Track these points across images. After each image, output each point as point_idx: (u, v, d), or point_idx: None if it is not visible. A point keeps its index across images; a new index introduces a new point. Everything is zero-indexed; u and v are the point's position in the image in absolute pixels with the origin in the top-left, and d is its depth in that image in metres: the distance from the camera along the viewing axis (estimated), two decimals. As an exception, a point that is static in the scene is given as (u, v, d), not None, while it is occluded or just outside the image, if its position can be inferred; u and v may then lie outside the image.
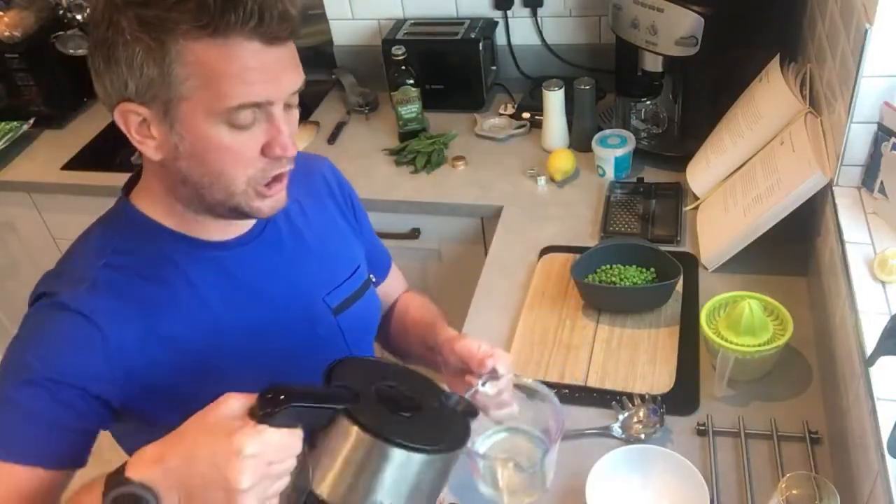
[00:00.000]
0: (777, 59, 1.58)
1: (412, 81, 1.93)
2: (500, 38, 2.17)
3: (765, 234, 1.39)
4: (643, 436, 1.17)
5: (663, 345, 1.32)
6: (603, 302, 1.41)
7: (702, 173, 1.65)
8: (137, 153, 0.92)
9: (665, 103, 1.85)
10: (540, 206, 1.74)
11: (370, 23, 2.23)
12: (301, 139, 2.05)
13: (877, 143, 1.20)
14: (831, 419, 1.16)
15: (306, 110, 2.19)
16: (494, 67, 2.18)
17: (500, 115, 2.07)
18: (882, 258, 1.10)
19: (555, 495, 1.11)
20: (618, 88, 1.94)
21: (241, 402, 0.72)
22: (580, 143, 1.86)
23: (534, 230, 1.66)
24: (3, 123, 2.27)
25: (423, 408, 0.81)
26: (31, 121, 2.28)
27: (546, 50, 2.16)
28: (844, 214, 1.21)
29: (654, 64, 1.74)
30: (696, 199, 1.64)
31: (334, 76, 2.27)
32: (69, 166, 2.13)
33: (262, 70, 0.82)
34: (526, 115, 2.02)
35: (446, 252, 1.91)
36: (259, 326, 1.01)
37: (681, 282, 1.39)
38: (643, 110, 1.87)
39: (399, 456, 0.74)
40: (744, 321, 1.19)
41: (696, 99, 1.74)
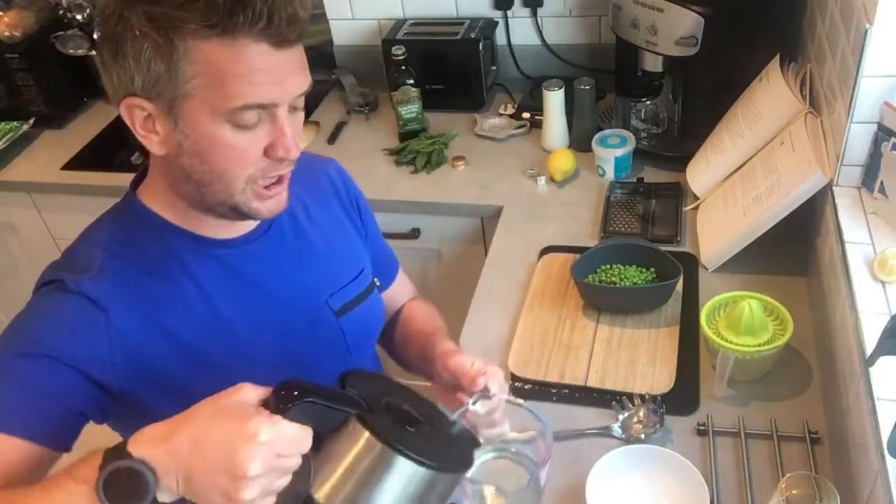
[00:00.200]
0: (777, 59, 1.58)
1: (412, 81, 1.93)
2: (500, 38, 2.17)
3: (765, 234, 1.39)
4: (643, 436, 1.17)
5: (663, 345, 1.32)
6: (603, 302, 1.41)
7: (702, 173, 1.65)
8: (137, 153, 0.93)
9: (665, 103, 1.85)
10: (540, 206, 1.74)
11: (370, 23, 2.23)
12: (301, 139, 2.04)
13: (877, 143, 1.20)
14: (831, 419, 1.16)
15: (306, 110, 2.17)
16: (494, 67, 2.18)
17: (500, 115, 2.07)
18: (882, 258, 1.10)
19: (555, 495, 1.11)
20: (618, 88, 1.94)
21: (256, 392, 0.72)
22: (580, 143, 1.86)
23: (534, 230, 1.66)
24: (3, 123, 2.27)
25: (430, 429, 0.81)
26: (31, 121, 2.28)
27: (546, 50, 2.16)
28: (844, 214, 1.22)
29: (654, 64, 1.74)
30: (696, 199, 1.64)
31: (334, 76, 2.27)
32: (69, 166, 2.13)
33: (269, 72, 0.82)
34: (526, 115, 2.02)
35: (446, 252, 1.91)
36: (261, 324, 1.01)
37: (681, 282, 1.39)
38: (643, 110, 1.87)
39: (407, 468, 0.73)
40: (744, 321, 1.19)
41: (696, 99, 1.74)
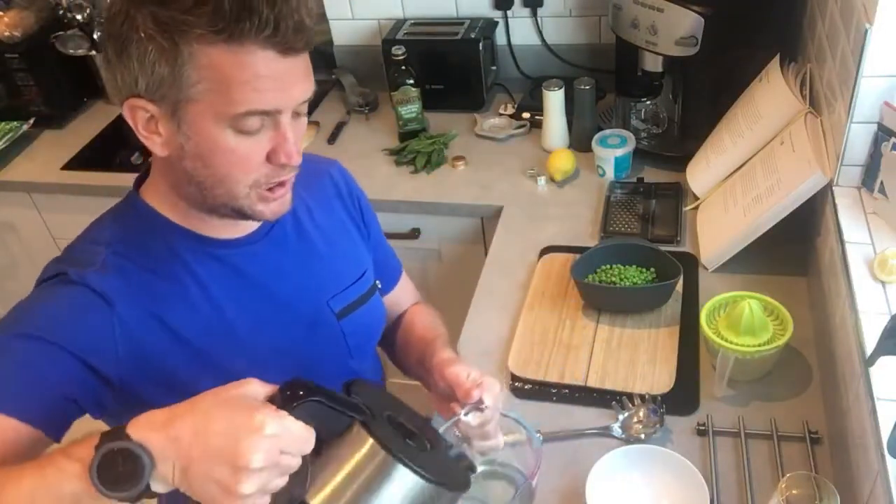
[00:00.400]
0: (777, 59, 1.58)
1: (412, 81, 1.93)
2: (500, 38, 2.17)
3: (765, 234, 1.39)
4: (643, 436, 1.17)
5: (663, 345, 1.32)
6: (603, 302, 1.41)
7: (702, 173, 1.65)
8: (137, 153, 0.93)
9: (665, 103, 1.85)
10: (540, 206, 1.74)
11: (370, 23, 2.23)
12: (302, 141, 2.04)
13: (877, 143, 1.20)
14: (831, 419, 1.16)
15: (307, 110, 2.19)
16: (494, 67, 2.18)
17: (500, 115, 2.07)
18: (882, 258, 1.10)
19: (555, 495, 1.11)
20: (618, 88, 1.94)
21: (262, 388, 0.72)
22: (580, 143, 1.86)
23: (534, 230, 1.66)
24: (3, 123, 2.27)
25: (429, 447, 0.80)
26: (31, 121, 2.27)
27: (546, 50, 2.15)
28: (844, 214, 1.21)
29: (654, 64, 1.74)
30: (696, 199, 1.64)
31: (334, 76, 2.27)
32: (69, 166, 2.13)
33: (274, 79, 0.82)
34: (526, 115, 2.02)
35: (446, 252, 1.91)
36: (262, 325, 1.01)
37: (681, 282, 1.39)
38: (643, 110, 1.87)
39: (408, 480, 0.72)
40: (744, 321, 1.19)
41: (696, 99, 1.74)
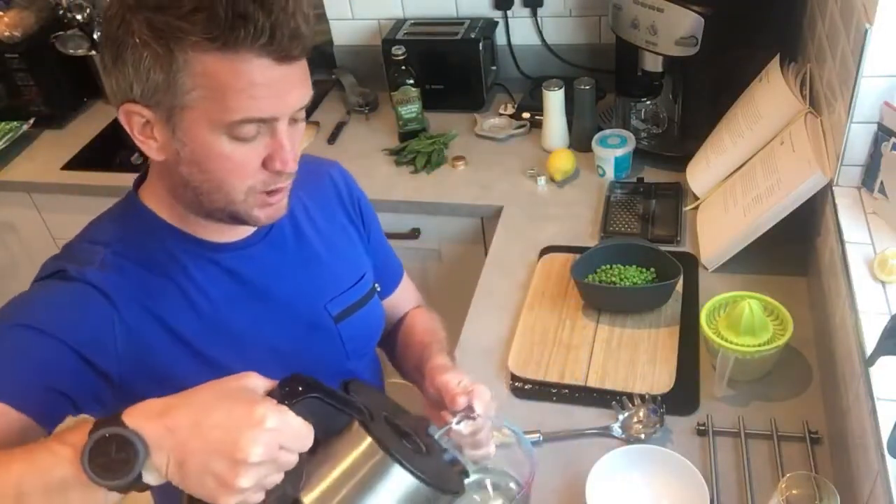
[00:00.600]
0: (777, 59, 1.58)
1: (412, 81, 1.93)
2: (500, 38, 2.17)
3: (765, 234, 1.39)
4: (643, 436, 1.17)
5: (663, 345, 1.32)
6: (603, 302, 1.41)
7: (702, 173, 1.65)
8: (137, 154, 0.93)
9: (665, 103, 1.85)
10: (540, 206, 1.74)
11: (370, 23, 2.23)
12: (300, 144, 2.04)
13: (877, 143, 1.20)
14: (831, 419, 1.16)
15: (306, 111, 2.19)
16: (494, 67, 2.18)
17: (500, 115, 2.07)
18: (882, 258, 1.10)
19: (555, 495, 1.12)
20: (618, 88, 1.94)
21: (262, 382, 0.71)
22: (580, 143, 1.86)
23: (534, 230, 1.66)
24: (3, 123, 2.27)
25: (424, 450, 0.80)
26: (31, 121, 2.27)
27: (546, 50, 2.15)
28: (844, 214, 1.21)
29: (654, 64, 1.74)
30: (696, 199, 1.64)
31: (334, 76, 2.27)
32: (69, 166, 2.13)
33: (269, 86, 0.81)
34: (526, 115, 2.02)
35: (446, 252, 1.91)
36: (259, 328, 1.01)
37: (681, 282, 1.39)
38: (643, 110, 1.87)
39: (404, 481, 0.72)
40: (744, 321, 1.19)
41: (696, 99, 1.74)
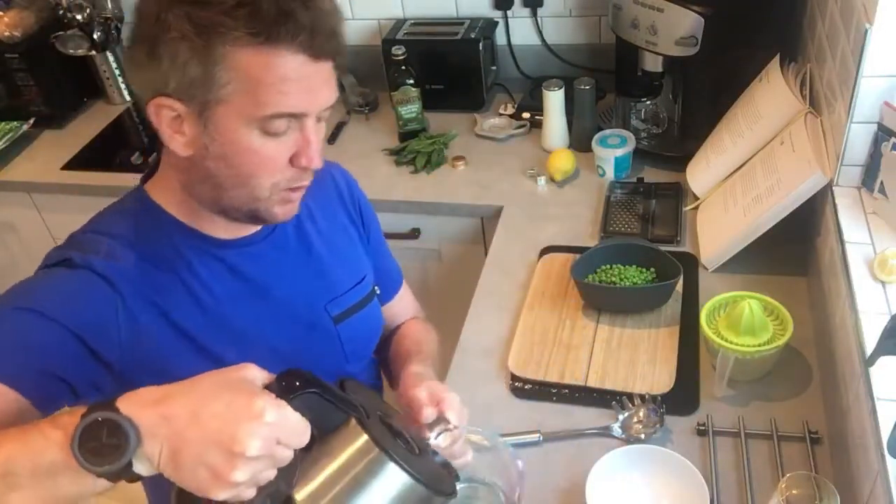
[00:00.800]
0: (777, 59, 1.58)
1: (412, 81, 1.93)
2: (500, 38, 2.17)
3: (765, 234, 1.39)
4: (643, 436, 1.17)
5: (663, 345, 1.32)
6: (603, 302, 1.41)
7: (702, 173, 1.65)
8: (137, 153, 0.93)
9: (665, 103, 1.85)
10: (540, 206, 1.74)
11: (370, 23, 2.23)
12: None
13: (877, 143, 1.20)
14: (831, 419, 1.16)
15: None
16: (494, 67, 2.18)
17: (500, 115, 2.07)
18: (882, 258, 1.10)
19: (555, 495, 1.12)
20: (618, 88, 1.94)
21: (261, 374, 0.71)
22: (580, 143, 1.86)
23: (534, 230, 1.66)
24: (3, 123, 2.27)
25: (417, 451, 0.80)
26: (31, 121, 2.27)
27: (546, 50, 2.15)
28: (844, 214, 1.21)
29: (654, 64, 1.74)
30: (696, 199, 1.64)
31: (334, 76, 2.27)
32: (69, 166, 2.13)
33: (302, 83, 0.83)
34: (526, 115, 2.02)
35: (446, 252, 1.91)
36: (259, 326, 1.01)
37: (681, 282, 1.39)
38: (643, 110, 1.87)
39: (399, 479, 0.71)
40: (744, 321, 1.18)
41: (696, 99, 1.74)
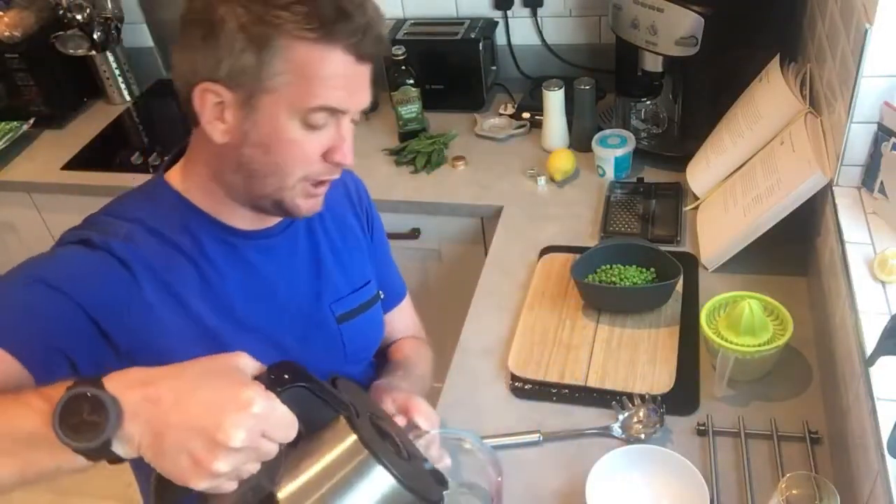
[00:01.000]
0: (777, 59, 1.58)
1: (412, 81, 1.93)
2: (500, 38, 2.17)
3: (765, 234, 1.39)
4: (643, 436, 1.17)
5: (663, 345, 1.32)
6: (603, 302, 1.41)
7: (702, 173, 1.65)
8: (137, 153, 0.93)
9: (665, 103, 1.85)
10: (540, 206, 1.74)
11: (370, 23, 2.23)
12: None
13: (877, 143, 1.20)
14: (831, 419, 1.16)
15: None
16: (494, 67, 2.18)
17: (500, 115, 2.07)
18: (882, 258, 1.10)
19: (555, 495, 1.12)
20: (618, 88, 1.94)
21: (253, 364, 0.69)
22: (580, 143, 1.86)
23: (534, 230, 1.66)
24: (3, 123, 2.27)
25: (406, 456, 0.78)
26: (31, 121, 2.28)
27: (546, 50, 2.15)
28: (844, 214, 1.21)
29: (654, 64, 1.74)
30: (696, 199, 1.64)
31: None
32: (69, 166, 2.13)
33: (347, 80, 0.87)
34: (526, 115, 2.02)
35: (446, 252, 1.91)
36: (263, 318, 1.02)
37: (681, 282, 1.39)
38: (643, 110, 1.87)
39: (385, 483, 0.70)
40: (744, 321, 1.18)
41: (696, 99, 1.74)
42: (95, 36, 2.28)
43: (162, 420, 0.63)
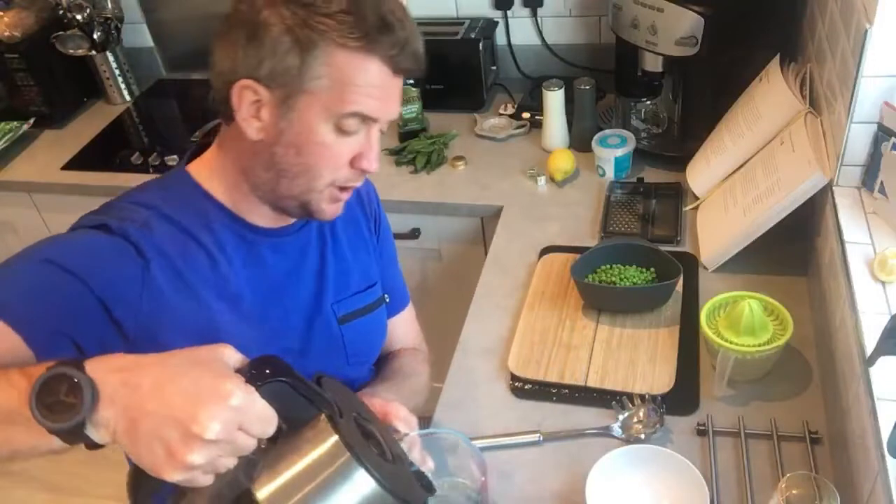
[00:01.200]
0: (777, 59, 1.58)
1: (412, 81, 1.93)
2: (500, 38, 2.17)
3: (765, 234, 1.39)
4: (643, 436, 1.17)
5: (663, 345, 1.32)
6: (603, 302, 1.41)
7: (702, 173, 1.65)
8: (137, 153, 0.93)
9: (665, 103, 1.85)
10: (540, 206, 1.74)
11: (370, 23, 2.23)
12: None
13: (877, 143, 1.20)
14: (831, 419, 1.16)
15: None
16: (494, 67, 2.18)
17: (500, 115, 2.07)
18: (882, 258, 1.10)
19: (555, 495, 1.12)
20: (618, 88, 1.94)
21: (236, 356, 0.69)
22: (580, 143, 1.86)
23: (534, 230, 1.66)
24: (3, 123, 2.27)
25: (391, 458, 0.76)
26: (31, 121, 2.27)
27: (546, 50, 2.16)
28: (844, 214, 1.21)
29: (654, 64, 1.74)
30: (696, 199, 1.64)
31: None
32: (69, 166, 2.13)
33: (382, 91, 0.91)
34: (526, 115, 2.02)
35: (446, 252, 1.91)
36: (270, 315, 1.03)
37: (681, 282, 1.39)
38: (643, 110, 1.87)
39: (365, 485, 0.68)
40: (744, 321, 1.18)
41: (696, 99, 1.74)
42: (95, 36, 2.28)
43: (138, 407, 0.63)
